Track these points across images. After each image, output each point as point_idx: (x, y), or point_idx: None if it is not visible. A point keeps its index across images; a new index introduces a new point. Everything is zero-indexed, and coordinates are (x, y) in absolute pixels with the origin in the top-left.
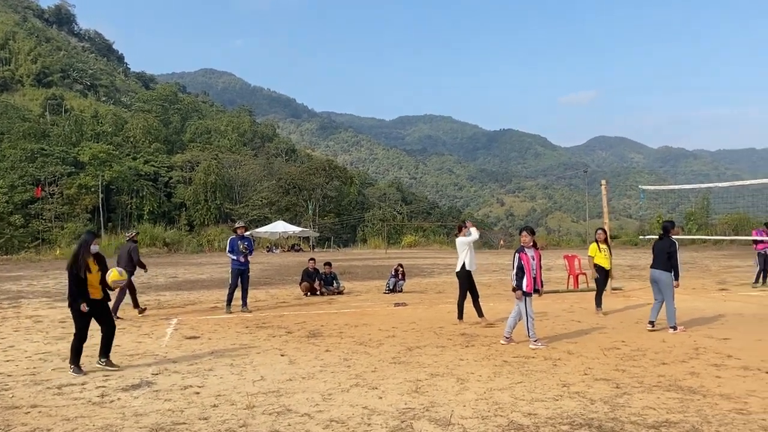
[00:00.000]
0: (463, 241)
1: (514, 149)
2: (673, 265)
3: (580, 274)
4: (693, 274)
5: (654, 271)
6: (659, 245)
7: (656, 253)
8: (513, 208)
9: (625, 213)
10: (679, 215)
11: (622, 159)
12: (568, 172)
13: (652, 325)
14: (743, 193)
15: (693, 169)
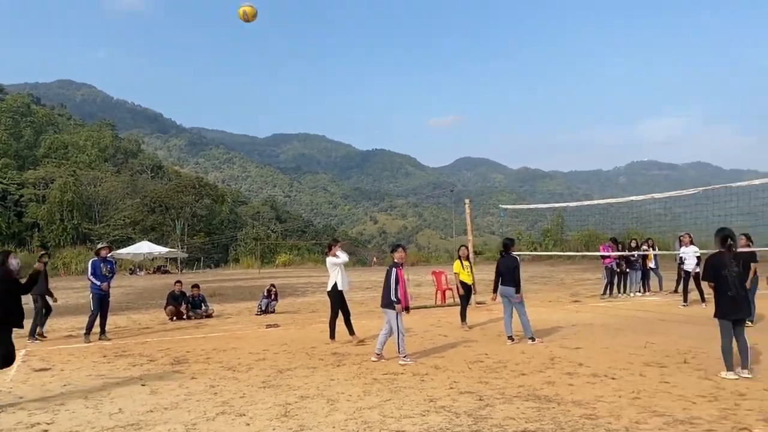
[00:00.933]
0: (333, 261)
1: (386, 169)
2: (515, 280)
3: (447, 289)
4: (549, 287)
5: (503, 287)
6: (504, 262)
7: (503, 270)
8: (386, 226)
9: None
10: (537, 232)
11: (486, 179)
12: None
13: (511, 339)
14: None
15: (549, 188)
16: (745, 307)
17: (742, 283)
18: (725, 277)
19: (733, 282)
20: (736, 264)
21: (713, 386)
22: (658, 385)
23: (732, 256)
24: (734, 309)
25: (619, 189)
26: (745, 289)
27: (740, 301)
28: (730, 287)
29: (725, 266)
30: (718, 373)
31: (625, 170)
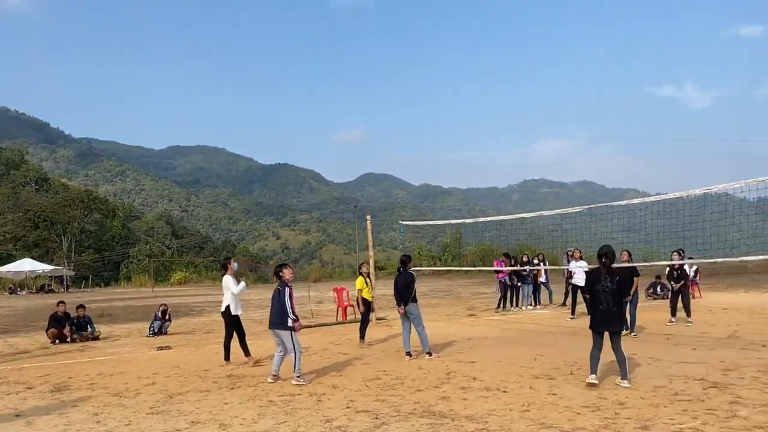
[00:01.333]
0: (227, 286)
1: (289, 183)
2: (409, 295)
3: (349, 305)
4: (447, 301)
5: (413, 304)
6: (401, 278)
7: (400, 286)
8: (288, 242)
9: (391, 245)
10: (437, 247)
11: (389, 195)
12: (340, 206)
13: (409, 355)
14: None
15: (448, 204)
16: (616, 321)
17: (614, 297)
18: (599, 292)
19: (605, 297)
20: (610, 280)
21: (596, 396)
22: (547, 397)
23: (606, 272)
24: (604, 322)
25: (513, 205)
26: (619, 304)
27: (611, 314)
28: (602, 301)
29: (599, 281)
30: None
31: (518, 188)
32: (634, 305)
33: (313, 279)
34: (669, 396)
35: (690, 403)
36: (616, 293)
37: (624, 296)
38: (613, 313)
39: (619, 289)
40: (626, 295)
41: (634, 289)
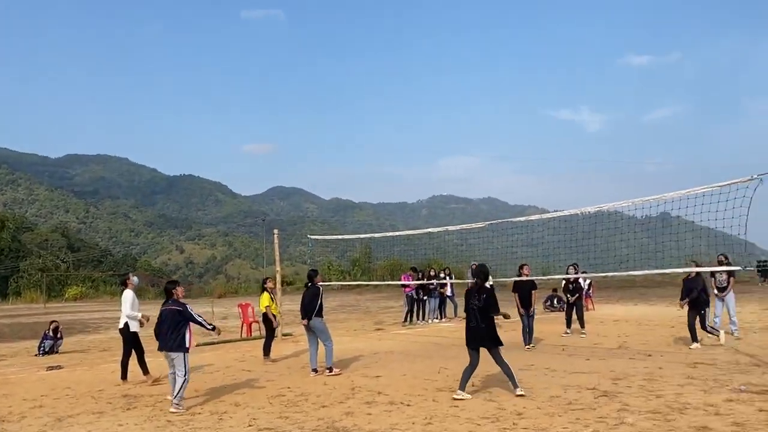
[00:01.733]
0: (127, 299)
1: (194, 195)
2: (315, 308)
3: (254, 321)
4: (356, 316)
5: (317, 319)
6: (308, 292)
7: (306, 300)
8: (193, 256)
9: (300, 259)
10: (346, 261)
11: (298, 208)
12: (248, 220)
13: (315, 372)
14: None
15: (359, 219)
16: (485, 337)
17: (482, 315)
18: (470, 309)
19: (474, 314)
20: (478, 298)
21: (496, 407)
22: (449, 410)
23: (476, 291)
24: (475, 339)
25: (422, 220)
26: (486, 320)
27: (480, 331)
28: (472, 319)
29: (470, 299)
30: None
31: (427, 203)
32: (532, 317)
33: (217, 294)
34: (563, 405)
35: (582, 411)
36: (483, 311)
37: (490, 313)
38: (482, 329)
39: (485, 307)
40: (494, 313)
41: (533, 301)
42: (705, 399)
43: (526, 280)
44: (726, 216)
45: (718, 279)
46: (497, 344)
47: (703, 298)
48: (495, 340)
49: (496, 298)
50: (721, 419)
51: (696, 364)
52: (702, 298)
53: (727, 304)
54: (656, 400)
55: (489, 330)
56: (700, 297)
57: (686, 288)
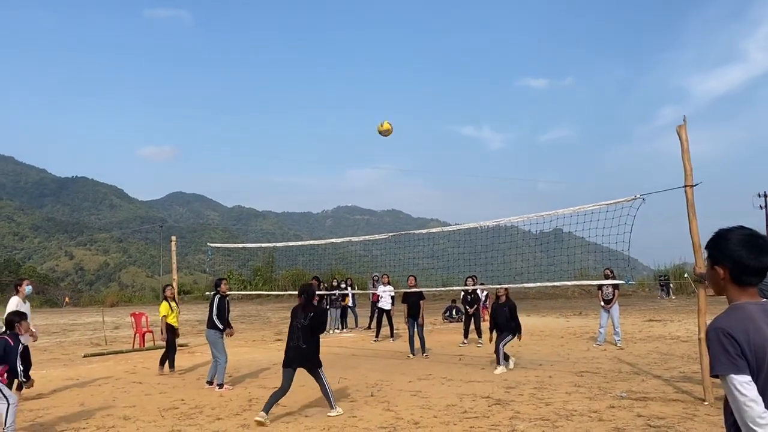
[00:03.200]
0: (11, 306)
1: (87, 199)
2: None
3: (147, 332)
4: (256, 326)
5: (208, 330)
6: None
7: (210, 310)
8: (84, 262)
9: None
10: (248, 270)
11: (199, 215)
12: (145, 225)
13: (210, 384)
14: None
15: (262, 227)
16: (306, 357)
17: (305, 334)
18: (293, 328)
19: (297, 333)
20: (304, 316)
21: (393, 417)
22: (347, 420)
23: (302, 309)
24: (294, 359)
25: (327, 231)
26: (309, 341)
27: (300, 351)
28: (293, 338)
29: (295, 317)
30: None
31: (332, 213)
32: (421, 327)
33: (109, 303)
34: (459, 414)
35: (477, 419)
36: (308, 329)
37: (315, 333)
38: (303, 349)
39: (311, 326)
40: (319, 332)
41: (421, 311)
42: (590, 406)
43: (414, 291)
44: (612, 232)
45: (604, 291)
46: (318, 365)
47: (511, 325)
48: (316, 361)
49: (323, 317)
50: (604, 425)
51: (582, 373)
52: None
53: (612, 316)
54: (545, 408)
55: (311, 350)
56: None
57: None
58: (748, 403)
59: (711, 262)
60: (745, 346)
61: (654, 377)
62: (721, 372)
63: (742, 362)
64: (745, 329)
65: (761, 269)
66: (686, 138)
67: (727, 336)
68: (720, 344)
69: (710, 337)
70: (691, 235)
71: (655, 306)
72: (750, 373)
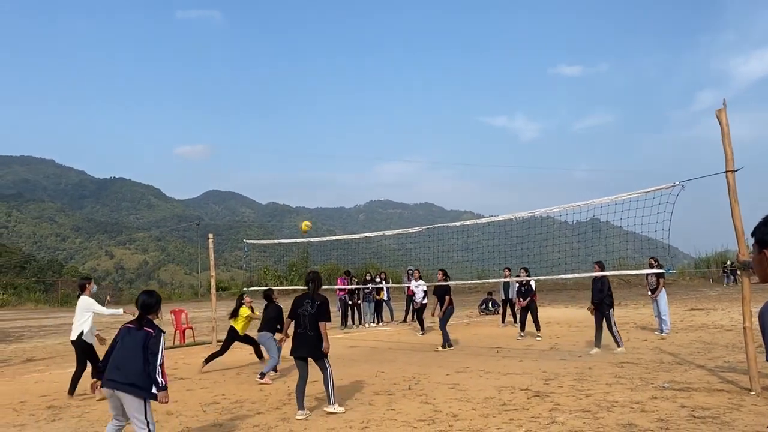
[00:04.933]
0: (93, 304)
1: (125, 199)
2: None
3: (188, 328)
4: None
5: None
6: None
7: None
8: (123, 261)
9: (236, 264)
10: (284, 266)
11: (234, 213)
12: (182, 224)
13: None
14: (335, 246)
15: (296, 223)
16: (312, 345)
17: (311, 322)
18: (299, 315)
19: (303, 320)
20: (311, 304)
21: (432, 410)
22: (386, 413)
23: (309, 297)
24: (301, 346)
25: (360, 225)
26: (315, 328)
27: (307, 338)
28: (300, 325)
29: (301, 305)
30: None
31: (364, 208)
32: (442, 320)
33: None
34: (498, 406)
35: (516, 412)
36: (313, 317)
37: (320, 320)
38: (310, 337)
39: (317, 314)
40: (324, 320)
41: (447, 305)
42: (631, 397)
43: (441, 285)
44: (651, 221)
45: (648, 281)
46: (324, 355)
47: (607, 300)
48: (321, 351)
49: (328, 306)
50: (647, 416)
51: (623, 364)
52: (606, 301)
53: (658, 304)
54: (586, 399)
55: (317, 338)
56: (604, 300)
57: (593, 290)
58: None
59: (759, 246)
60: None
61: (697, 367)
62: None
63: None
64: None
65: None
66: (726, 122)
67: None
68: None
69: (764, 319)
70: (733, 222)
71: (697, 295)
72: None
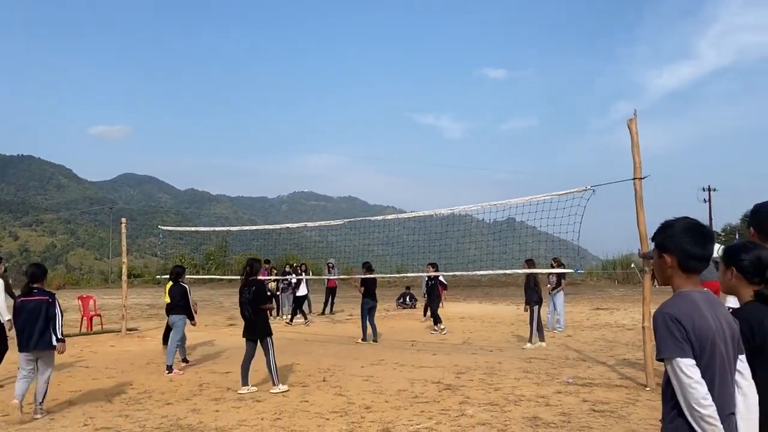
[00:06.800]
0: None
1: (33, 178)
2: (186, 307)
3: (95, 315)
4: (208, 311)
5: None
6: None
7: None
8: (29, 243)
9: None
10: (201, 254)
11: (150, 198)
12: (94, 207)
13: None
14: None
15: (216, 211)
16: (256, 329)
17: (252, 307)
18: (242, 303)
19: (245, 307)
20: (248, 291)
21: (345, 402)
22: (299, 404)
23: (246, 284)
24: (248, 330)
25: (282, 216)
26: (257, 312)
27: (252, 323)
28: (244, 311)
29: (242, 294)
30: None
31: (287, 199)
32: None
33: (56, 286)
34: (410, 399)
35: (427, 404)
36: (252, 302)
37: (258, 304)
38: (253, 320)
39: (254, 299)
40: (260, 304)
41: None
42: (537, 391)
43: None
44: (563, 222)
45: (549, 280)
46: (266, 335)
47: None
48: (263, 332)
49: (264, 291)
50: (551, 409)
51: (531, 359)
52: (533, 297)
53: (555, 303)
54: (495, 393)
55: (259, 321)
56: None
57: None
58: (694, 385)
59: (659, 250)
60: (690, 331)
61: (599, 364)
62: (667, 355)
63: (687, 346)
64: (691, 315)
65: (705, 256)
66: (636, 131)
67: (674, 321)
68: (667, 329)
69: (658, 322)
70: (638, 227)
71: (603, 295)
72: (693, 357)
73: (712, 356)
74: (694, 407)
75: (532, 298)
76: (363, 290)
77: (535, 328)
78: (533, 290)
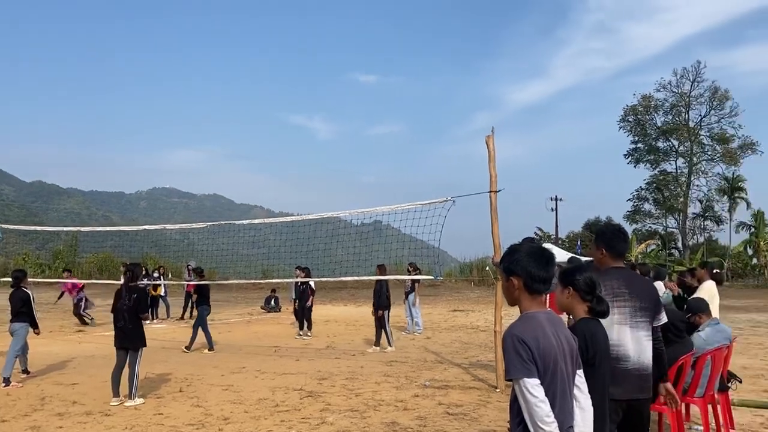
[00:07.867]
0: None
1: None
2: (29, 314)
3: None
4: (53, 315)
5: (12, 323)
6: (15, 295)
7: (12, 303)
8: None
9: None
10: (48, 252)
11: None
12: None
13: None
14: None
15: (66, 206)
16: (131, 338)
17: (130, 315)
18: (118, 309)
19: (122, 314)
20: (128, 298)
21: (202, 413)
22: (152, 417)
23: (126, 290)
24: (121, 338)
25: (141, 213)
26: (134, 321)
27: (127, 331)
28: (120, 319)
29: (120, 298)
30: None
31: (146, 195)
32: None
33: None
34: (270, 408)
35: (288, 413)
36: (132, 310)
37: (139, 313)
38: (129, 330)
39: (134, 306)
40: (141, 312)
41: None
42: (396, 395)
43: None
44: (426, 230)
45: (405, 284)
46: (139, 346)
47: (383, 302)
48: (138, 342)
49: (146, 299)
50: (408, 414)
51: (392, 362)
52: (381, 303)
53: (410, 306)
54: (356, 398)
55: (135, 330)
56: (380, 301)
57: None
58: (538, 404)
59: (506, 274)
60: (536, 351)
61: (455, 365)
62: (514, 376)
63: (533, 366)
64: (536, 336)
65: (548, 278)
66: (493, 147)
67: (521, 342)
68: (514, 350)
69: (507, 344)
70: (492, 237)
71: (460, 296)
72: (538, 377)
73: (554, 374)
74: (538, 424)
75: (383, 303)
76: (196, 297)
77: (389, 331)
78: (385, 295)
